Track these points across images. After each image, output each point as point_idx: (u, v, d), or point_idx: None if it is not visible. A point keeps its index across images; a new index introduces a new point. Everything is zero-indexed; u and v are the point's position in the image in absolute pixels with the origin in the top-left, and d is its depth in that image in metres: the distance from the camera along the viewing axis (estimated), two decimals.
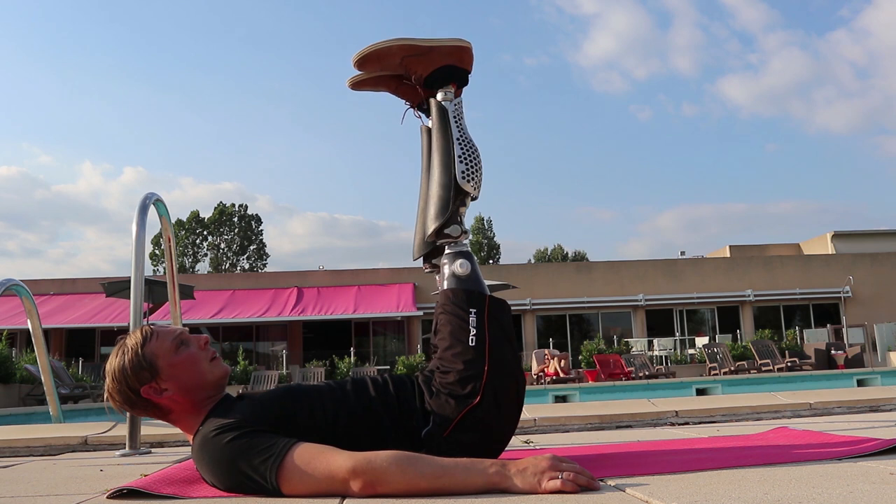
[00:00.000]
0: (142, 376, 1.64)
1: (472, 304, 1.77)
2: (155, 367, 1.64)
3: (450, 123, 1.98)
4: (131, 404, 1.68)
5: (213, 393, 1.69)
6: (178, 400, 1.66)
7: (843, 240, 28.73)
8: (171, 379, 1.65)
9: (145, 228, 3.16)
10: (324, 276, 24.21)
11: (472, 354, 1.72)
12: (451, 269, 1.84)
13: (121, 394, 1.66)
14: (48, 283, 22.92)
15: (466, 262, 1.84)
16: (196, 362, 1.68)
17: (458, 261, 1.84)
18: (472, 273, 1.83)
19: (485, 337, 1.74)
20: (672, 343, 21.33)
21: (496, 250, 47.75)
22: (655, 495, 1.28)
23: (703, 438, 2.42)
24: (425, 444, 1.66)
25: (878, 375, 12.00)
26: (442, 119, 1.99)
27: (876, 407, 3.58)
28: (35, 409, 9.06)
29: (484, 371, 1.70)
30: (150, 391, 1.64)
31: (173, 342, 1.68)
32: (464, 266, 1.83)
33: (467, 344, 1.73)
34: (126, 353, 1.66)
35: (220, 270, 44.03)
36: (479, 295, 1.79)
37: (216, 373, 1.70)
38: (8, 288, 4.64)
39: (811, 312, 24.33)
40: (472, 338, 1.73)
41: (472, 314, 1.76)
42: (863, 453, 1.71)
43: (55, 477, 2.09)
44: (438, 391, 1.72)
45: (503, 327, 1.79)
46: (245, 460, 1.49)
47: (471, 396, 1.68)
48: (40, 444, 3.27)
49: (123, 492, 1.56)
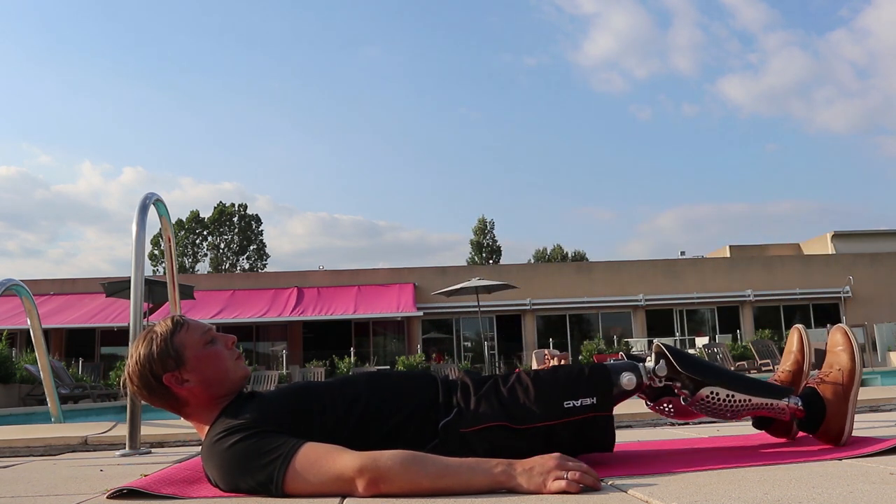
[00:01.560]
0: (167, 364, 1.65)
1: (599, 395, 1.71)
2: (182, 356, 1.65)
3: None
4: (150, 390, 1.67)
5: (231, 391, 1.71)
6: (196, 393, 1.66)
7: (843, 240, 28.74)
8: (194, 371, 1.66)
9: (145, 228, 3.16)
10: (324, 276, 24.21)
11: (553, 408, 1.68)
12: (622, 377, 1.76)
13: (141, 378, 1.67)
14: (48, 283, 22.92)
15: (634, 381, 1.76)
16: (222, 359, 1.70)
17: (630, 375, 1.76)
18: (632, 389, 1.77)
19: (572, 416, 1.69)
20: (672, 343, 21.31)
21: (498, 252, 47.75)
22: (655, 495, 1.28)
23: (703, 438, 2.42)
24: (439, 435, 1.65)
25: (878, 375, 12.00)
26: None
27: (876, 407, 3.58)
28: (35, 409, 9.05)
29: (543, 425, 1.67)
30: (171, 379, 1.65)
31: (203, 336, 1.70)
32: (630, 382, 1.76)
33: (561, 401, 1.68)
34: (154, 340, 1.67)
35: (220, 270, 44.03)
36: (610, 399, 1.73)
37: (239, 373, 1.72)
38: (8, 288, 4.64)
39: (811, 312, 24.33)
40: (571, 403, 1.69)
41: (591, 400, 1.70)
42: (863, 453, 1.71)
43: (55, 477, 2.09)
44: (496, 392, 1.70)
45: (583, 435, 1.72)
46: (253, 461, 1.50)
47: (517, 421, 1.66)
48: (40, 444, 3.27)
49: (123, 492, 1.56)
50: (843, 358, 1.95)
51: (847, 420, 1.87)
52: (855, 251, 26.56)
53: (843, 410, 1.87)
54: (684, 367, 1.80)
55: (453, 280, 19.72)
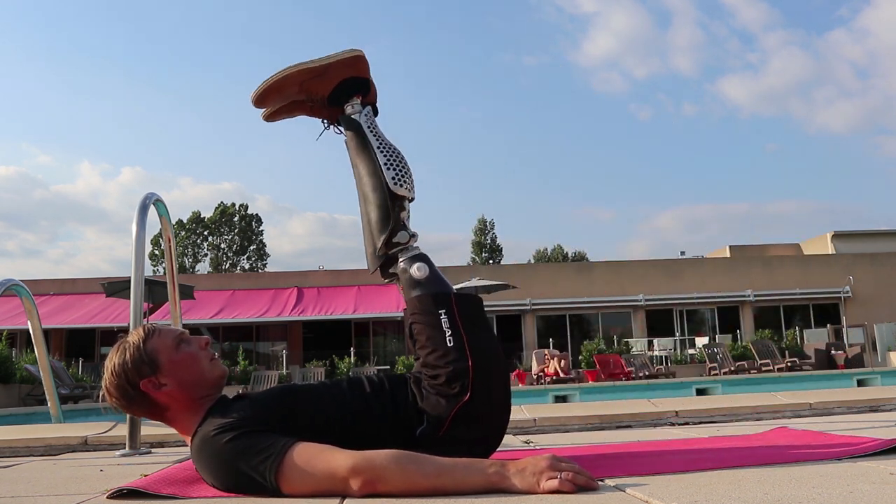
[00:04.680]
0: (142, 370, 1.65)
1: (439, 305, 1.80)
2: (156, 362, 1.65)
3: (366, 134, 2.01)
4: (129, 399, 1.68)
5: (210, 392, 1.70)
6: (175, 396, 1.66)
7: (843, 240, 28.73)
8: (170, 374, 1.66)
9: (145, 228, 3.16)
10: (324, 276, 24.21)
11: (453, 354, 1.74)
12: (409, 275, 1.85)
13: (119, 388, 1.67)
14: (48, 283, 22.91)
15: (423, 266, 1.85)
16: (196, 360, 1.70)
17: (415, 265, 1.86)
18: (430, 275, 1.85)
19: (461, 334, 1.76)
20: (672, 343, 21.31)
21: (498, 252, 47.69)
22: (655, 495, 1.28)
23: (703, 438, 2.42)
24: (420, 443, 1.67)
25: (878, 375, 12.00)
26: (357, 132, 2.02)
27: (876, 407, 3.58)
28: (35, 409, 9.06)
29: (468, 367, 1.72)
30: (148, 385, 1.65)
31: (175, 339, 1.70)
32: (421, 269, 1.85)
33: (447, 345, 1.75)
34: (128, 349, 1.67)
35: (220, 270, 44.01)
36: (443, 295, 1.81)
37: (215, 372, 1.72)
38: (8, 288, 4.64)
39: (811, 312, 24.32)
40: (450, 338, 1.75)
41: (443, 315, 1.78)
42: (863, 453, 1.71)
43: (55, 477, 2.09)
44: (429, 393, 1.74)
45: (474, 320, 1.82)
46: (245, 460, 1.49)
47: (461, 394, 1.71)
48: (40, 444, 3.27)
49: (123, 492, 1.56)
50: None
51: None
52: (855, 251, 26.54)
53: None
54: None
55: (453, 280, 19.59)
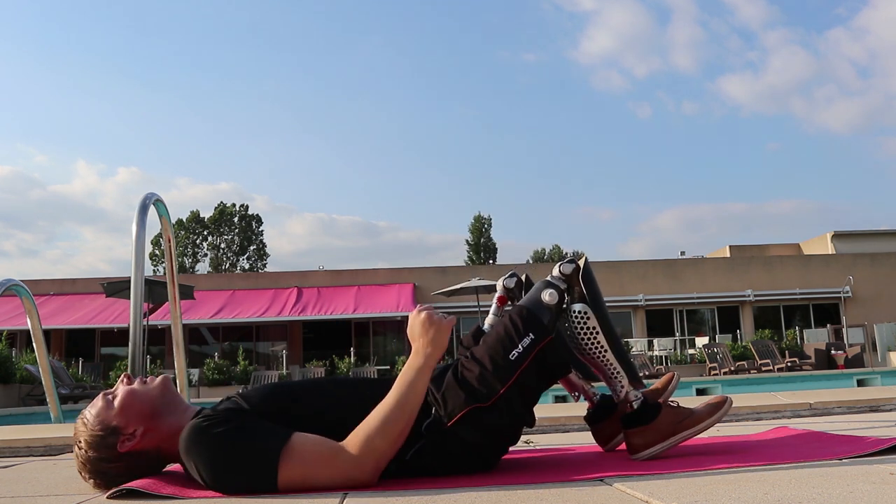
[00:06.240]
0: (108, 441, 1.64)
1: (536, 332, 1.73)
2: (109, 425, 1.65)
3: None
4: (126, 469, 1.65)
5: (172, 400, 1.71)
6: (152, 430, 1.66)
7: (843, 240, 28.73)
8: (129, 420, 1.65)
9: (145, 228, 3.16)
10: (323, 276, 24.21)
11: (504, 366, 1.69)
12: (540, 293, 1.79)
13: (105, 475, 1.65)
14: (48, 283, 22.92)
15: (556, 294, 1.78)
16: (133, 393, 1.70)
17: (550, 290, 1.79)
18: (557, 301, 1.79)
19: (524, 363, 1.70)
20: (672, 343, 21.32)
21: (493, 252, 47.63)
22: (655, 495, 1.28)
23: (703, 438, 2.42)
24: (424, 436, 1.66)
25: (878, 375, 12.00)
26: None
27: (876, 407, 3.58)
28: (35, 409, 9.05)
29: (505, 385, 1.68)
30: (125, 443, 1.64)
31: (104, 401, 1.69)
32: (552, 297, 1.78)
33: (508, 357, 1.70)
34: (82, 445, 1.66)
35: (220, 270, 44.03)
36: (543, 328, 1.74)
37: (155, 383, 1.73)
38: (8, 288, 4.64)
39: (811, 312, 24.33)
40: (514, 354, 1.70)
41: (529, 338, 1.72)
42: (863, 453, 1.71)
43: (55, 477, 2.09)
44: (453, 382, 1.70)
45: (542, 369, 1.75)
46: (242, 449, 1.49)
47: (482, 398, 1.67)
48: (40, 444, 3.27)
49: (123, 492, 1.56)
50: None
51: (660, 443, 1.82)
52: (855, 251, 26.54)
53: (666, 431, 1.82)
54: (585, 280, 1.83)
55: (453, 280, 19.73)
